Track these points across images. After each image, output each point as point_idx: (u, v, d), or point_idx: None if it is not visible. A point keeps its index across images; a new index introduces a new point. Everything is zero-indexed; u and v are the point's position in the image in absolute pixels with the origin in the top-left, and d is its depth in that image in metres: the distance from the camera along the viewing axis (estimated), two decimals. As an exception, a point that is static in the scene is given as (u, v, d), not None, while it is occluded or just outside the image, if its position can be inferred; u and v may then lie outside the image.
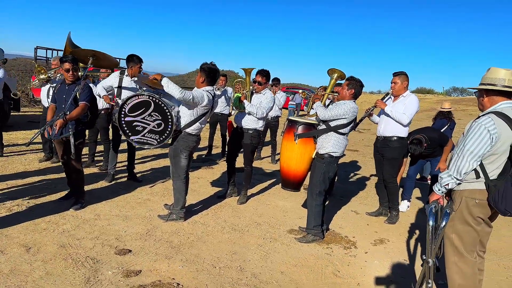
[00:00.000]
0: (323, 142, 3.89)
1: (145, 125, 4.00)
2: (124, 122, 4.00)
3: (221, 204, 4.87)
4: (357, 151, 9.97)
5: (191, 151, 4.10)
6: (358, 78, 3.92)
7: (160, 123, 3.97)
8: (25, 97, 13.04)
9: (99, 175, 5.59)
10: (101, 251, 3.31)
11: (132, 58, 4.93)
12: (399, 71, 4.61)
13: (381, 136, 4.67)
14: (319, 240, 3.94)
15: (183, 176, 4.10)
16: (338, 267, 3.46)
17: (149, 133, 4.03)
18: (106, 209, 4.30)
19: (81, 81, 4.05)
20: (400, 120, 4.45)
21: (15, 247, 3.20)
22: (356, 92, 3.86)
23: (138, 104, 3.95)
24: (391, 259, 3.71)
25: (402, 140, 4.59)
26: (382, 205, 4.95)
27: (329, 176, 3.90)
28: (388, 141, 4.59)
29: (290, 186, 4.42)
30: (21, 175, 5.19)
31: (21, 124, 9.35)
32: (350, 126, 3.88)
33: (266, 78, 4.79)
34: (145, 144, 4.09)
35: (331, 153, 3.83)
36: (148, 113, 3.96)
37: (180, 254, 3.40)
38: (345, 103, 3.80)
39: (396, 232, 4.44)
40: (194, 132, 4.04)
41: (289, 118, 4.41)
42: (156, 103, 3.93)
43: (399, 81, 4.56)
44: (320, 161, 3.90)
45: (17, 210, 3.99)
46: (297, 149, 4.18)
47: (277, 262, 3.44)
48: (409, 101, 4.51)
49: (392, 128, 4.55)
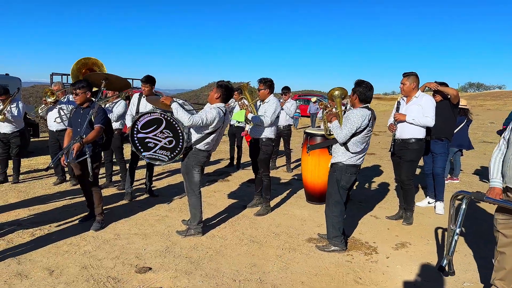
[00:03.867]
0: (334, 151, 3.86)
1: (157, 141, 4.09)
2: (136, 138, 4.12)
3: (239, 216, 4.88)
4: (374, 154, 9.86)
5: (202, 166, 4.14)
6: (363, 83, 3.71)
7: (171, 140, 4.04)
8: (43, 123, 13.40)
9: (117, 194, 5.68)
10: (122, 270, 3.34)
11: (145, 78, 5.14)
12: (408, 72, 4.55)
13: (399, 139, 4.60)
14: (341, 250, 3.84)
15: (197, 191, 4.15)
16: (360, 274, 3.40)
17: (160, 150, 4.11)
18: (126, 228, 4.35)
19: (95, 105, 4.16)
20: (425, 124, 4.39)
21: (39, 271, 3.27)
22: (361, 97, 3.69)
23: (151, 121, 4.05)
24: (414, 263, 3.64)
25: (420, 142, 4.51)
26: (401, 208, 4.88)
27: (342, 185, 3.78)
28: (406, 143, 4.52)
29: (315, 199, 4.39)
30: (42, 200, 5.32)
31: (40, 150, 9.61)
32: (362, 135, 3.67)
33: (265, 85, 4.81)
34: (156, 160, 4.18)
35: (342, 161, 3.78)
36: (160, 130, 4.04)
37: (200, 269, 3.41)
38: (352, 112, 3.64)
39: (418, 235, 4.35)
40: (205, 148, 4.07)
41: (306, 131, 4.41)
42: (168, 121, 4.01)
43: (408, 82, 4.50)
44: (332, 170, 3.87)
45: (39, 234, 4.08)
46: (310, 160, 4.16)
47: (297, 272, 3.41)
48: (425, 101, 4.42)
49: (409, 130, 4.49)
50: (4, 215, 4.62)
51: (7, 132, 6.12)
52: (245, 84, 5.04)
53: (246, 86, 5.04)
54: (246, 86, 5.04)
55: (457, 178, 7.00)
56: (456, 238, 2.58)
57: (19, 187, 5.95)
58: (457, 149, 6.69)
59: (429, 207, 5.32)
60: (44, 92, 6.00)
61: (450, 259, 2.62)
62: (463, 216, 2.54)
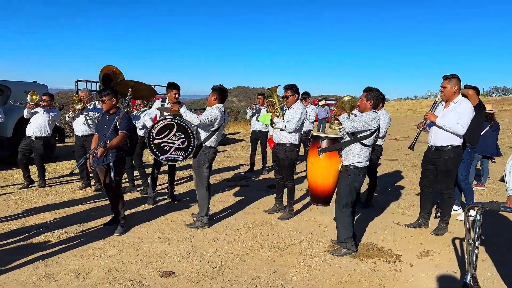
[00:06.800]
0: (347, 153, 3.85)
1: (171, 144, 4.56)
2: (153, 144, 4.54)
3: (259, 221, 4.88)
4: (396, 160, 9.71)
5: (211, 162, 4.61)
6: (376, 88, 3.84)
7: (184, 141, 4.54)
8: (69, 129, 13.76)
9: (140, 199, 5.78)
10: (146, 274, 3.39)
11: (169, 85, 5.24)
12: (449, 74, 4.21)
13: (433, 146, 4.35)
14: (352, 253, 3.86)
15: (206, 184, 4.58)
16: (383, 282, 3.35)
17: (175, 151, 4.58)
18: (149, 232, 4.42)
19: (121, 111, 4.28)
20: (455, 131, 4.10)
21: (66, 274, 3.35)
22: (376, 102, 3.79)
23: (163, 128, 4.54)
24: (439, 272, 3.56)
25: (457, 149, 4.22)
26: (421, 216, 4.76)
27: (355, 187, 3.86)
28: (441, 151, 4.26)
29: (320, 200, 4.38)
30: (68, 204, 5.46)
31: (66, 155, 9.87)
32: (373, 136, 3.79)
33: (292, 91, 4.82)
34: (173, 161, 4.66)
35: (355, 163, 3.78)
36: (173, 134, 4.54)
37: (222, 274, 3.43)
38: (367, 114, 3.74)
39: (443, 243, 4.25)
40: (213, 144, 4.56)
41: (313, 134, 4.42)
42: (179, 124, 4.52)
43: (449, 86, 4.17)
44: (345, 173, 3.86)
45: (65, 237, 4.19)
46: (322, 163, 4.14)
47: (319, 279, 3.39)
48: (462, 107, 4.12)
49: (444, 137, 4.21)
50: (33, 218, 4.77)
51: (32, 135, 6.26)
52: (275, 87, 5.00)
53: (275, 90, 5.00)
54: (275, 90, 5.00)
55: (483, 185, 6.81)
56: (477, 252, 2.49)
57: (46, 191, 6.12)
58: (481, 155, 6.51)
59: (454, 214, 5.19)
60: (72, 99, 6.18)
61: (473, 273, 2.53)
62: (479, 228, 2.45)
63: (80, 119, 6.15)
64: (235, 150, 11.98)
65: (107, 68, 6.12)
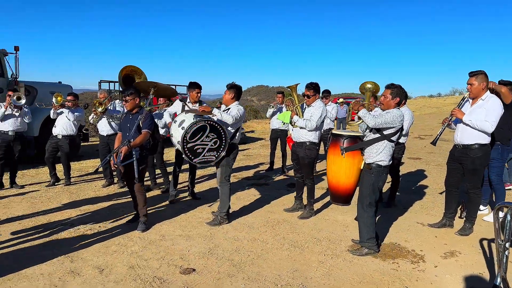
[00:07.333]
0: (370, 152, 3.77)
1: (204, 146, 4.52)
2: (187, 148, 4.43)
3: (279, 220, 4.87)
4: (419, 159, 9.51)
5: (235, 158, 4.77)
6: (398, 84, 3.76)
7: (216, 141, 4.53)
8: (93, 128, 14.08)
9: (161, 196, 5.86)
10: (167, 271, 3.44)
11: (191, 84, 5.32)
12: (476, 70, 4.07)
13: (459, 144, 4.23)
14: (374, 253, 3.80)
15: (229, 181, 4.70)
16: (406, 283, 3.28)
17: (208, 152, 4.56)
18: (170, 229, 4.47)
19: (144, 111, 4.35)
20: (482, 128, 3.96)
21: (90, 269, 3.43)
22: (401, 99, 3.74)
23: (197, 130, 4.44)
24: (464, 273, 3.46)
25: (485, 147, 4.08)
26: (445, 216, 4.63)
27: (379, 186, 3.79)
28: (468, 149, 4.12)
29: (341, 200, 4.28)
30: (92, 201, 5.58)
31: (90, 154, 10.10)
32: (397, 135, 3.72)
33: (314, 90, 4.79)
34: (206, 163, 4.62)
35: (379, 162, 3.71)
36: (206, 135, 4.47)
37: (242, 272, 3.43)
38: (392, 111, 3.66)
39: (469, 244, 4.14)
40: (237, 141, 4.76)
41: (333, 132, 4.32)
42: (212, 125, 4.46)
43: (476, 82, 4.02)
44: (368, 171, 3.79)
45: (89, 233, 4.29)
46: (344, 162, 4.05)
47: (340, 279, 3.35)
48: (490, 104, 3.98)
49: (471, 135, 4.08)
50: (58, 215, 4.90)
51: (58, 134, 6.45)
52: (294, 85, 4.97)
53: (295, 88, 4.97)
54: (295, 88, 4.97)
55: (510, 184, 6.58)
56: (507, 253, 2.40)
57: (70, 189, 6.29)
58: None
59: (480, 215, 5.03)
60: (93, 104, 6.32)
61: (504, 276, 2.45)
62: (510, 228, 2.35)
63: (103, 120, 6.30)
64: (255, 149, 12.00)
65: (128, 68, 6.23)
